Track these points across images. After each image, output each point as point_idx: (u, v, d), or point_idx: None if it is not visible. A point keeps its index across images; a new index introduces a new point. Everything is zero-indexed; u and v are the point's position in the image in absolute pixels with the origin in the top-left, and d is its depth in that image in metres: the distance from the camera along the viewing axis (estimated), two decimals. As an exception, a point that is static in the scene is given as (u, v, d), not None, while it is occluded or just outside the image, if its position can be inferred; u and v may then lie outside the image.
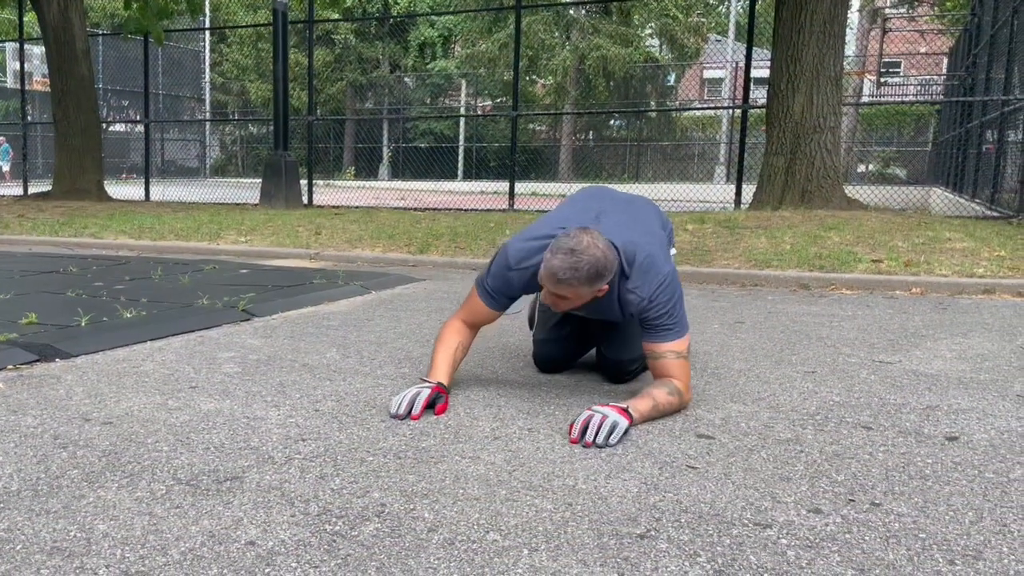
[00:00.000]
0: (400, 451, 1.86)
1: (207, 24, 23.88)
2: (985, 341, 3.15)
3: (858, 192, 8.59)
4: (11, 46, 20.70)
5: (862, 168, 20.69)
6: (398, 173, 24.98)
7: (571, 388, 2.44)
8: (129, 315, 3.33)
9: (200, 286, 4.21)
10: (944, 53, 20.57)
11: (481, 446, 1.90)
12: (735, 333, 3.30)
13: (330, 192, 13.20)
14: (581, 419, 1.96)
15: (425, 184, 19.10)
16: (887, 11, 22.26)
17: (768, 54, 7.93)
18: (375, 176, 24.68)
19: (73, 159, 10.77)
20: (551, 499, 1.60)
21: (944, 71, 20.26)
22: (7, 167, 23.44)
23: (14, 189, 13.32)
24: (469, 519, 1.51)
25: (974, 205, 9.32)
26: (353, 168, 25.84)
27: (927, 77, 22.64)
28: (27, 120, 13.63)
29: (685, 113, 24.52)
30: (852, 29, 21.78)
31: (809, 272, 4.67)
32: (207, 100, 27.08)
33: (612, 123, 26.36)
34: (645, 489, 1.65)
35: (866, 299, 4.19)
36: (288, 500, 1.58)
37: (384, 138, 26.46)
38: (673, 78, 27.30)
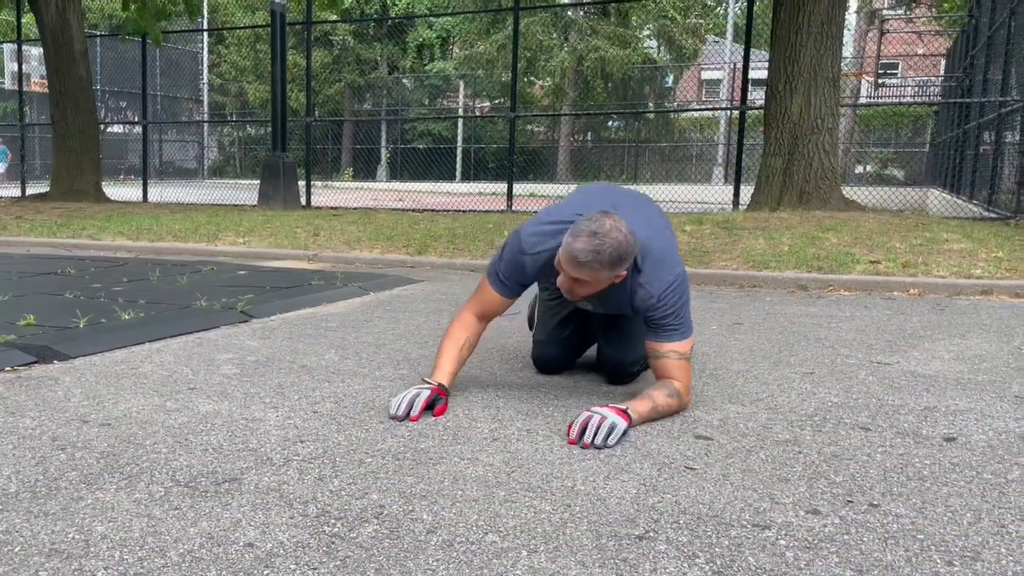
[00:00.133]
0: (399, 452, 1.86)
1: (205, 25, 23.87)
2: (983, 342, 3.15)
3: (856, 193, 8.60)
4: (9, 47, 20.68)
5: (860, 169, 20.72)
6: (396, 174, 24.99)
7: (570, 389, 2.44)
8: (127, 316, 3.33)
9: (198, 287, 4.21)
10: (941, 54, 20.61)
11: (480, 447, 1.90)
12: (733, 334, 3.30)
13: (328, 193, 13.20)
14: (580, 420, 1.96)
15: (423, 185, 19.11)
16: (885, 12, 22.29)
17: (766, 55, 7.94)
18: (373, 177, 24.67)
19: (71, 160, 10.77)
20: (550, 500, 1.60)
21: (941, 72, 20.29)
22: (4, 169, 23.41)
23: (12, 190, 13.30)
24: (468, 520, 1.51)
25: (971, 206, 9.33)
26: (351, 169, 25.85)
27: (925, 78, 22.67)
28: (25, 121, 13.61)
29: (683, 114, 24.54)
30: (850, 30, 21.80)
31: (807, 273, 4.67)
32: (205, 101, 27.06)
33: (610, 124, 26.37)
34: (644, 490, 1.65)
35: (864, 300, 4.19)
36: (287, 502, 1.58)
37: (382, 139, 26.47)
38: (671, 79, 27.32)
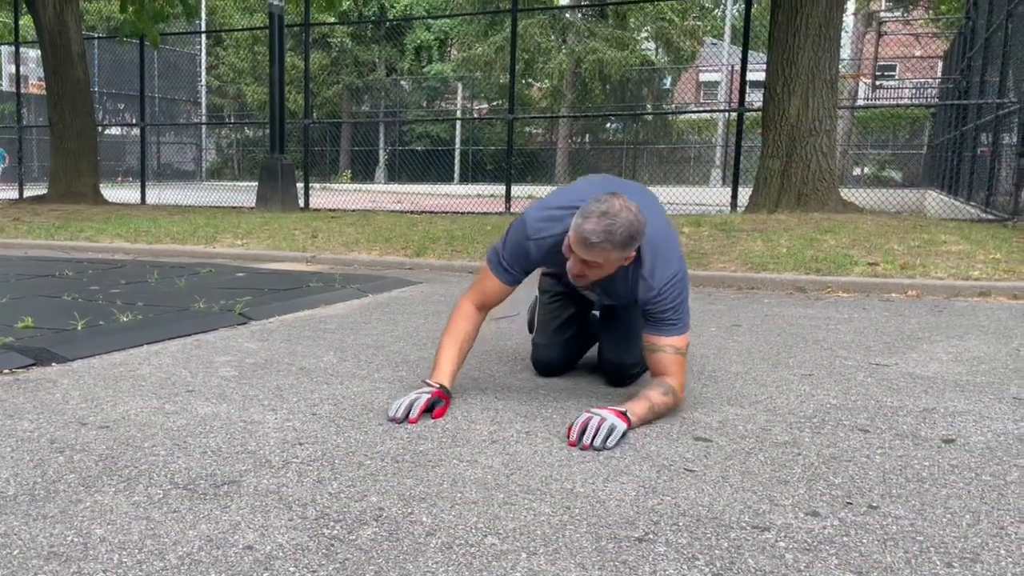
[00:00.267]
0: (398, 455, 1.86)
1: (203, 27, 23.88)
2: (981, 344, 3.16)
3: (854, 195, 8.60)
4: (7, 49, 20.68)
5: (857, 171, 20.75)
6: (394, 176, 25.00)
7: (569, 391, 2.44)
8: (125, 319, 3.32)
9: (196, 290, 4.20)
10: (939, 56, 20.65)
11: (479, 450, 1.90)
12: (732, 336, 3.30)
13: (326, 195, 13.18)
14: (579, 422, 1.96)
15: (421, 187, 19.11)
16: (882, 15, 22.34)
17: (764, 57, 7.95)
18: (371, 179, 24.67)
19: (69, 162, 10.76)
20: (549, 503, 1.60)
21: (939, 74, 20.33)
22: (1, 171, 23.38)
23: (9, 192, 13.29)
24: (467, 523, 1.50)
25: (969, 208, 9.34)
26: (349, 171, 25.86)
27: (922, 80, 22.72)
28: (23, 123, 13.60)
29: (681, 116, 24.58)
30: (847, 32, 21.85)
31: (805, 275, 4.68)
32: (203, 103, 27.06)
33: (608, 126, 26.39)
34: (643, 492, 1.65)
35: (862, 302, 4.20)
36: (286, 504, 1.58)
37: (380, 141, 26.49)
38: (669, 81, 27.36)
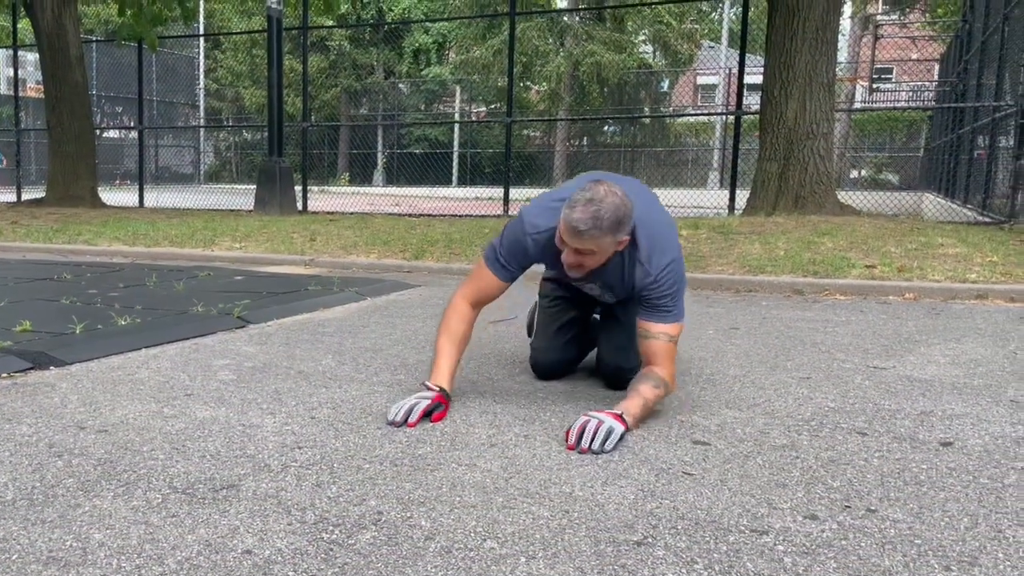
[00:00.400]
0: (397, 458, 1.86)
1: (201, 31, 23.88)
2: (978, 346, 3.16)
3: (851, 198, 8.62)
4: (5, 52, 20.67)
5: (855, 174, 20.78)
6: (393, 179, 25.00)
7: (567, 395, 2.44)
8: (124, 322, 3.32)
9: (195, 293, 4.20)
10: (935, 59, 20.68)
11: (478, 453, 1.90)
12: (730, 339, 3.31)
13: (325, 198, 13.18)
14: (577, 425, 1.96)
15: (420, 190, 19.10)
16: (879, 18, 22.39)
17: (761, 60, 7.96)
18: (370, 182, 24.66)
19: (67, 166, 10.75)
20: (548, 506, 1.60)
21: (936, 77, 20.36)
22: None
23: (7, 196, 13.27)
24: (466, 527, 1.51)
25: (966, 211, 9.36)
26: (348, 174, 25.85)
27: (919, 83, 22.75)
28: (21, 126, 13.59)
29: (679, 119, 24.59)
30: (844, 36, 21.90)
31: (803, 278, 4.68)
32: (201, 106, 27.04)
33: (606, 129, 26.41)
34: (642, 496, 1.66)
35: (860, 304, 4.20)
36: (285, 508, 1.58)
37: (379, 144, 26.49)
38: (667, 84, 27.40)
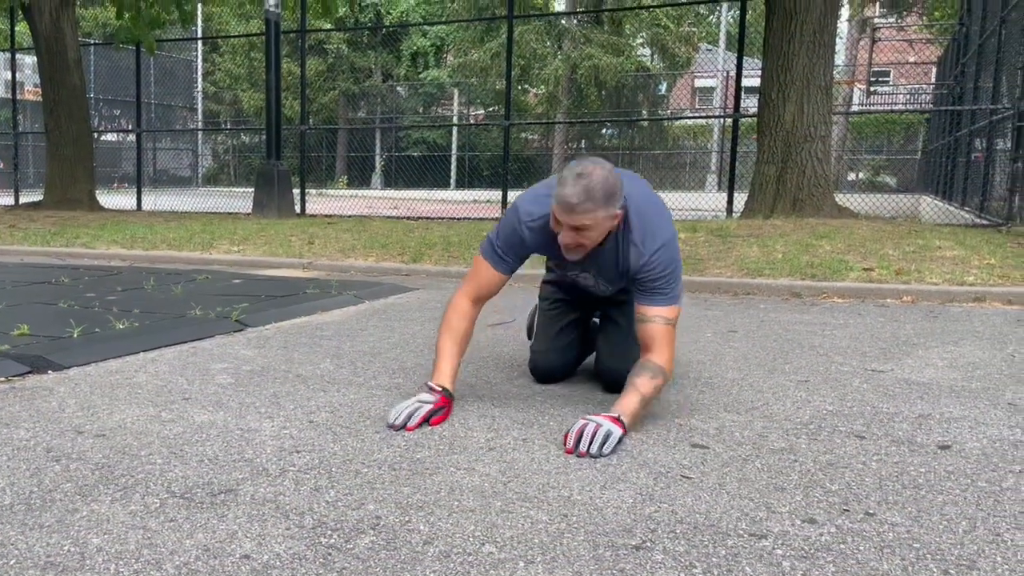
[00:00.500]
0: (395, 463, 1.86)
1: (199, 34, 23.88)
2: (976, 349, 3.17)
3: (848, 200, 8.63)
4: (2, 56, 20.65)
5: (852, 176, 20.80)
6: (391, 182, 24.99)
7: (566, 398, 2.44)
8: (122, 326, 3.32)
9: (193, 296, 4.20)
10: (933, 62, 20.73)
11: (476, 457, 1.90)
12: (728, 342, 3.31)
13: (323, 201, 13.18)
14: (575, 429, 1.96)
15: (418, 193, 19.10)
16: (876, 21, 22.44)
17: (759, 63, 7.98)
18: (368, 185, 24.66)
19: (64, 169, 10.74)
20: (546, 510, 1.60)
21: (933, 80, 20.40)
22: None
23: (5, 199, 13.26)
24: (464, 531, 1.50)
25: (963, 213, 9.37)
26: (346, 177, 25.84)
27: (916, 86, 22.80)
28: (18, 130, 13.58)
29: (677, 122, 24.61)
30: (842, 39, 21.94)
31: (801, 281, 4.69)
32: (199, 109, 27.03)
33: (604, 132, 26.41)
34: (640, 500, 1.66)
35: (858, 307, 4.21)
36: (283, 513, 1.57)
37: (377, 147, 26.49)
38: (664, 87, 27.42)
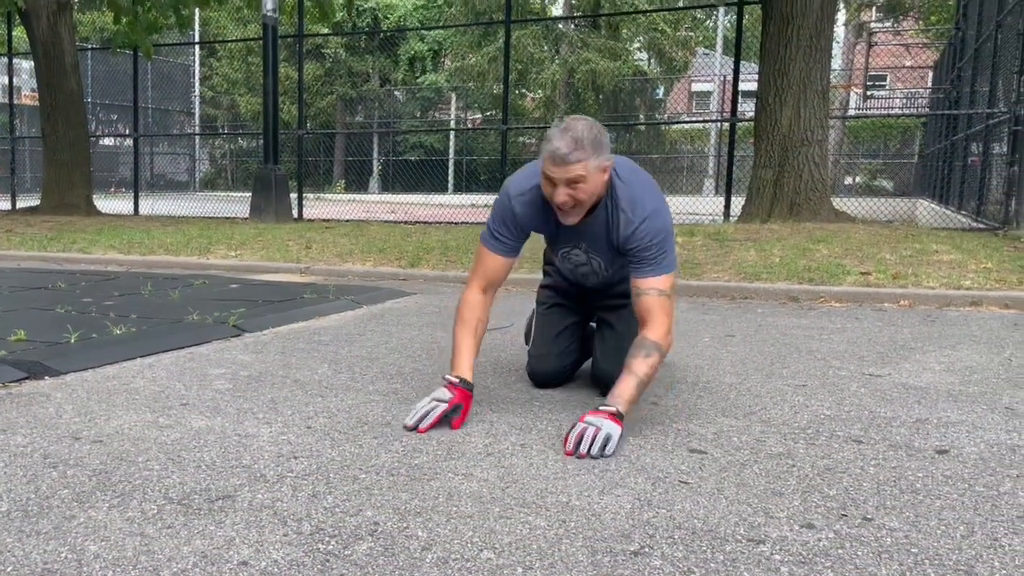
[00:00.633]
0: (393, 468, 1.85)
1: (197, 38, 23.89)
2: (973, 353, 3.17)
3: (845, 204, 8.64)
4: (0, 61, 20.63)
5: (849, 180, 20.85)
6: (388, 186, 24.98)
7: (563, 403, 2.44)
8: (119, 331, 3.31)
9: (190, 301, 4.19)
10: (929, 67, 20.79)
11: (474, 463, 1.90)
12: (726, 346, 3.31)
13: (320, 205, 13.18)
14: (576, 432, 1.96)
15: (415, 197, 19.09)
16: (873, 25, 22.51)
17: (756, 68, 8.00)
18: (365, 189, 24.66)
19: (62, 174, 10.73)
20: (545, 516, 1.60)
21: (929, 84, 20.46)
22: None
23: (2, 204, 13.24)
24: (463, 537, 1.50)
25: (960, 217, 9.39)
26: (343, 181, 25.85)
27: (913, 90, 22.86)
28: (15, 134, 13.57)
29: (674, 126, 24.66)
30: (838, 43, 22.01)
31: (798, 285, 4.69)
32: (197, 114, 27.04)
33: (601, 136, 26.42)
34: (638, 505, 1.66)
35: (855, 311, 4.21)
36: (281, 519, 1.57)
37: (374, 151, 26.50)
38: (662, 91, 27.47)
